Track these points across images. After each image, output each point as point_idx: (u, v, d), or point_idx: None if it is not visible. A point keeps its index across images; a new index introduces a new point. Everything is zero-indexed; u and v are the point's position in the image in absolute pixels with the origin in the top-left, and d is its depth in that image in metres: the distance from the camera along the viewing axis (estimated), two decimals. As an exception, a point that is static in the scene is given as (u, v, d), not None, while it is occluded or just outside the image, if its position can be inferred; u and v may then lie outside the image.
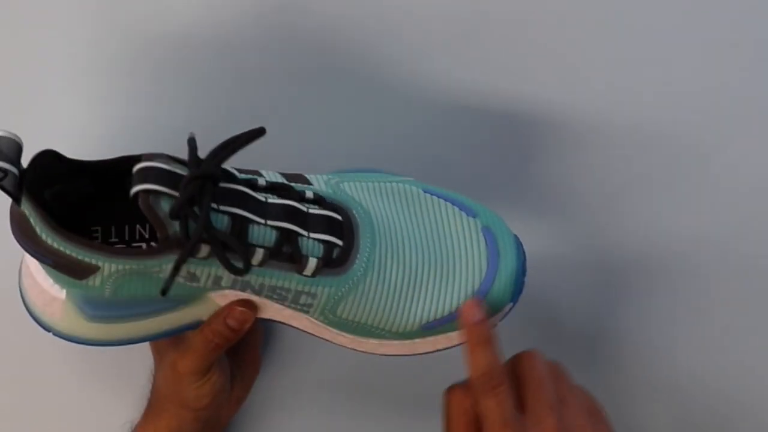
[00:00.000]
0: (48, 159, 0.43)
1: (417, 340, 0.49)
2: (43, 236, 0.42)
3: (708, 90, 0.62)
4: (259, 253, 0.43)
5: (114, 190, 0.47)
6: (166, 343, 0.52)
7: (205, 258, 0.43)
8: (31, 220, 0.42)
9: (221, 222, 0.42)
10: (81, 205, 0.48)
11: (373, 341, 0.49)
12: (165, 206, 0.40)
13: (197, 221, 0.41)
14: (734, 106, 0.62)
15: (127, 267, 0.43)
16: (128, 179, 0.45)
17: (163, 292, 0.43)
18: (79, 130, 0.60)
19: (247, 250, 0.43)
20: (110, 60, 0.60)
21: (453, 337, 0.49)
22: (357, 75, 0.61)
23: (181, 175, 0.41)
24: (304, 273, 0.45)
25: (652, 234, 0.61)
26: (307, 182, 0.47)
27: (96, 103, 0.60)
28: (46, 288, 0.46)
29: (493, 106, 0.61)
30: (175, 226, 0.41)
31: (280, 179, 0.47)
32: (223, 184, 0.43)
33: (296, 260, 0.44)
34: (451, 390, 0.47)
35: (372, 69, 0.61)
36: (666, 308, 0.60)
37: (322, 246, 0.45)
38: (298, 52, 0.60)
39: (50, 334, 0.48)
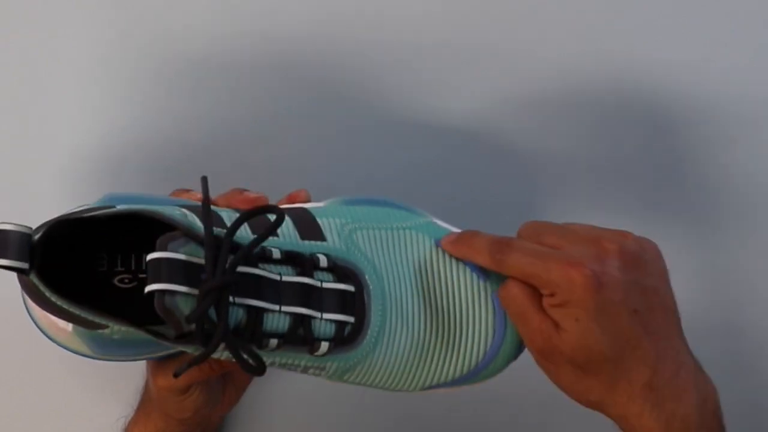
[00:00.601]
0: (57, 228, 0.42)
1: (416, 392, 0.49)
2: (53, 299, 0.42)
3: (708, 91, 0.62)
4: (273, 342, 0.43)
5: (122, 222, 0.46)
6: None
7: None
8: (40, 288, 0.41)
9: (236, 315, 0.41)
10: (87, 232, 0.47)
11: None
12: (181, 304, 0.39)
13: (215, 329, 0.39)
14: (735, 107, 0.62)
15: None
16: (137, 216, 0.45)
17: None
18: (81, 131, 0.61)
19: (262, 341, 0.42)
20: (117, 65, 0.62)
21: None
22: (364, 102, 0.61)
23: (199, 265, 0.40)
24: (316, 354, 0.44)
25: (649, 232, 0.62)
26: (321, 237, 0.46)
27: (100, 105, 0.61)
28: (53, 319, 0.46)
29: (497, 134, 0.62)
30: (191, 327, 0.40)
31: (294, 240, 0.45)
32: (238, 268, 0.41)
33: (308, 342, 0.44)
34: (498, 293, 0.47)
35: (379, 97, 0.61)
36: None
37: (334, 326, 0.44)
38: (307, 76, 0.61)
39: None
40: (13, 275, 0.50)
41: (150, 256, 0.39)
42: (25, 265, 0.40)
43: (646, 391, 0.45)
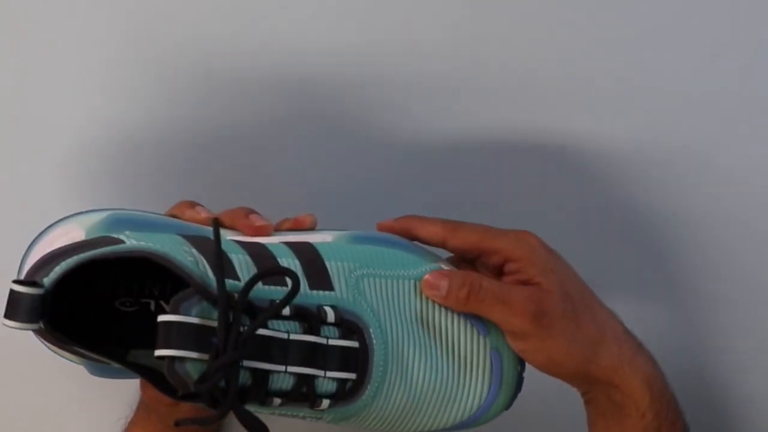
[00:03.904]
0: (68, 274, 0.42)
1: None
2: (63, 344, 0.42)
3: (706, 92, 0.62)
4: (277, 401, 0.43)
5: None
6: None
7: None
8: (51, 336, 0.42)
9: (243, 377, 0.41)
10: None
11: None
12: (191, 369, 0.39)
13: (225, 398, 0.40)
14: (733, 108, 0.62)
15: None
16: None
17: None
18: (82, 130, 0.61)
19: (266, 400, 0.43)
20: (117, 62, 0.61)
21: None
22: (359, 124, 0.62)
23: (211, 328, 0.40)
24: (316, 409, 0.45)
25: (649, 231, 0.62)
26: (329, 285, 0.46)
27: (101, 105, 0.61)
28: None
29: (494, 150, 0.62)
30: (200, 388, 0.40)
31: (303, 289, 0.45)
32: (246, 326, 0.41)
33: (310, 399, 0.44)
34: (466, 297, 0.47)
35: (373, 119, 0.62)
36: (664, 304, 0.62)
37: (336, 383, 0.45)
38: (303, 101, 0.62)
39: None
40: (11, 273, 0.51)
41: (161, 318, 0.39)
42: (36, 327, 0.40)
43: (619, 344, 0.47)
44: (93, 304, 0.48)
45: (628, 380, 0.47)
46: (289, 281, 0.42)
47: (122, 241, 0.43)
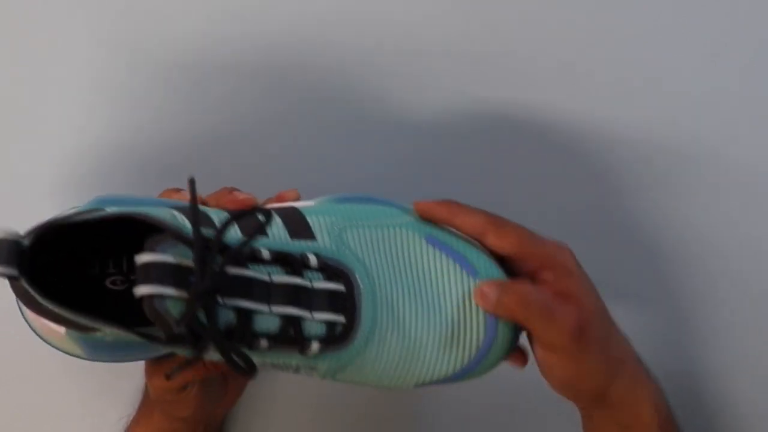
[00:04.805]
0: (46, 232, 0.42)
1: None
2: (45, 304, 0.41)
3: (706, 92, 0.63)
4: (264, 343, 0.43)
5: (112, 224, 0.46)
6: None
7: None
8: (32, 293, 0.41)
9: (226, 316, 0.41)
10: (77, 235, 0.46)
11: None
12: (171, 307, 0.39)
13: (205, 332, 0.40)
14: (733, 108, 0.63)
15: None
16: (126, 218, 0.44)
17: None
18: (76, 131, 0.61)
19: (252, 342, 0.42)
20: (112, 65, 0.62)
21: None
22: (356, 103, 0.62)
23: (188, 267, 0.40)
24: (306, 354, 0.44)
25: (646, 232, 0.63)
26: (311, 235, 0.46)
27: (96, 105, 0.61)
28: (45, 321, 0.46)
29: (494, 150, 0.62)
30: (181, 328, 0.40)
31: (284, 239, 0.45)
32: (227, 269, 0.41)
33: (299, 343, 0.44)
34: (505, 304, 0.46)
35: (371, 98, 0.62)
36: (664, 305, 0.62)
37: (324, 326, 0.44)
38: (299, 77, 0.62)
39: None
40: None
41: (138, 260, 0.39)
42: (14, 272, 0.40)
43: (635, 367, 0.47)
44: (83, 284, 0.48)
45: (640, 404, 0.47)
46: (262, 217, 0.42)
47: (103, 210, 0.43)
